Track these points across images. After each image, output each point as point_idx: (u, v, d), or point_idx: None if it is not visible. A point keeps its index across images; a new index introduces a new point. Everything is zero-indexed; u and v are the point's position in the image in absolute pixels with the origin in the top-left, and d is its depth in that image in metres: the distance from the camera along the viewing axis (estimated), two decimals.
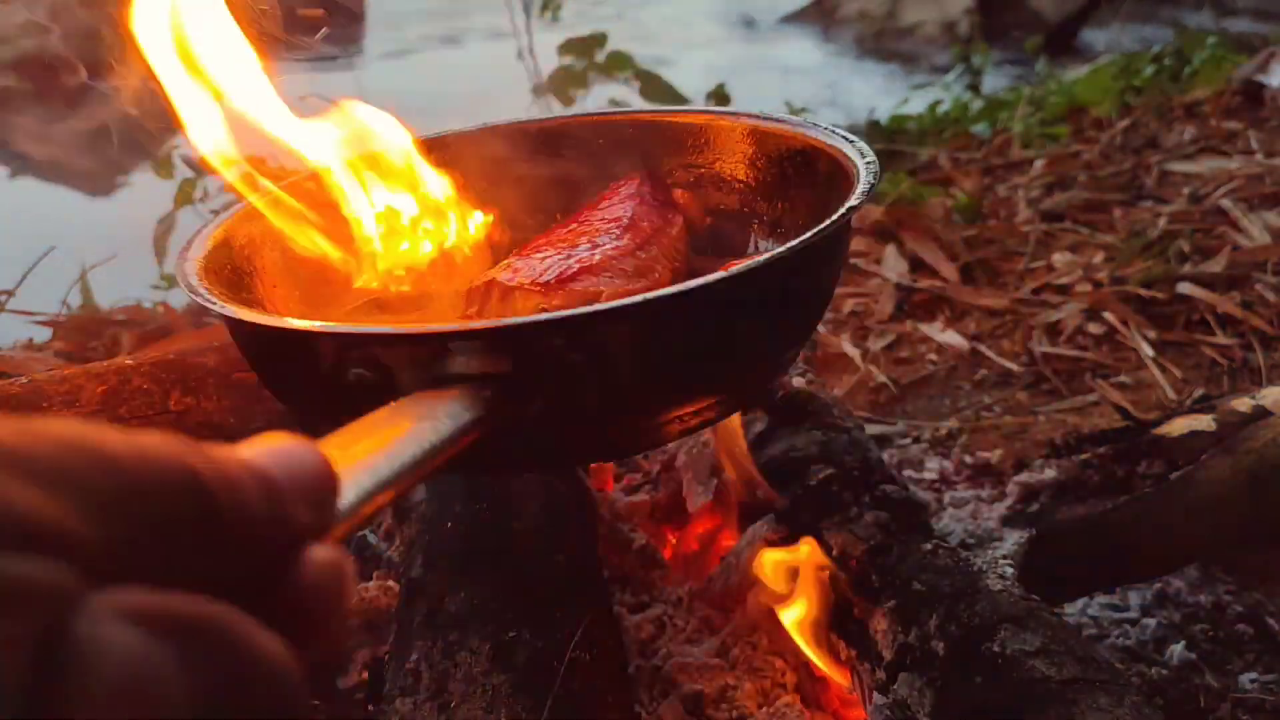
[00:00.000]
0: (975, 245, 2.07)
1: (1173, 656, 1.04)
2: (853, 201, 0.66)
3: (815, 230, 0.63)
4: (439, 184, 0.83)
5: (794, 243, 0.62)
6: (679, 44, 5.55)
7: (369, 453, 0.40)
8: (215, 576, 0.24)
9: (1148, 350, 1.64)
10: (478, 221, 0.84)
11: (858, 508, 0.94)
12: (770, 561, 0.90)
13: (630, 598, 0.99)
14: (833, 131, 0.80)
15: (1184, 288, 1.78)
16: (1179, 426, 1.19)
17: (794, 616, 0.87)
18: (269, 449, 0.28)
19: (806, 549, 0.90)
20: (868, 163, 0.72)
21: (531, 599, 0.79)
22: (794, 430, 1.06)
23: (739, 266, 0.60)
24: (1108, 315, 1.75)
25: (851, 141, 0.76)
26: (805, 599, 0.87)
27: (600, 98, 2.81)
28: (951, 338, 1.75)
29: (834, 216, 0.64)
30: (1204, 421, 1.18)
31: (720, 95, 2.99)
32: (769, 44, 5.96)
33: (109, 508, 0.22)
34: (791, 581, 0.88)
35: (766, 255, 0.62)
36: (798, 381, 1.12)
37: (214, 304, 0.62)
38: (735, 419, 1.04)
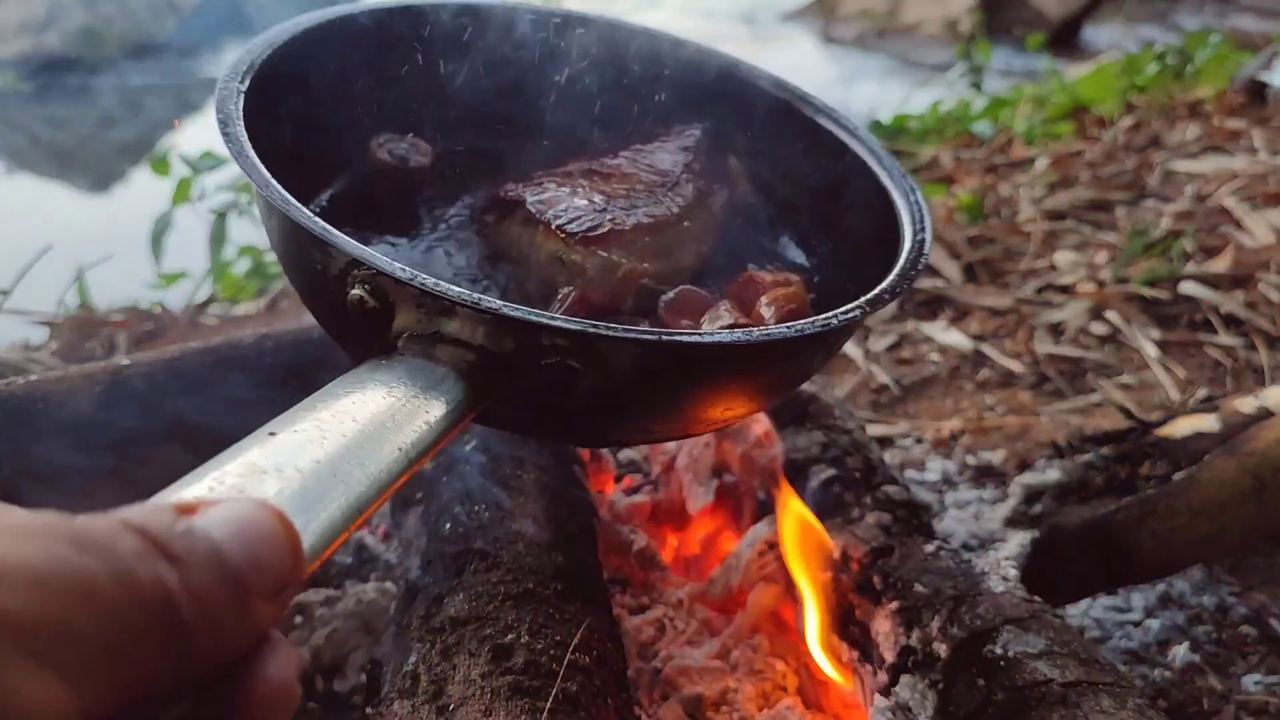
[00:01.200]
0: (977, 244, 2.06)
1: (1176, 658, 1.03)
2: (890, 285, 0.65)
3: (853, 307, 0.62)
4: None
5: (833, 320, 0.61)
6: None
7: (338, 477, 0.39)
8: (184, 682, 0.27)
9: (1151, 350, 1.64)
10: None
11: (860, 509, 0.93)
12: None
13: (630, 600, 0.99)
14: (906, 183, 0.78)
15: (1187, 287, 1.78)
16: (1182, 427, 1.18)
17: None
18: (234, 527, 0.29)
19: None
20: (918, 238, 0.71)
21: (531, 601, 0.79)
22: (796, 431, 1.05)
23: (768, 332, 0.59)
24: (1111, 315, 1.74)
25: (917, 209, 0.75)
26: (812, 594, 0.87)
27: None
28: (954, 338, 1.74)
29: (870, 295, 0.63)
30: (1207, 422, 1.17)
31: None
32: (770, 42, 5.95)
33: (98, 655, 0.24)
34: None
35: (797, 329, 0.60)
36: None
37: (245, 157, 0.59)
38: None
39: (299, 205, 0.58)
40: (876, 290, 0.65)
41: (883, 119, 2.95)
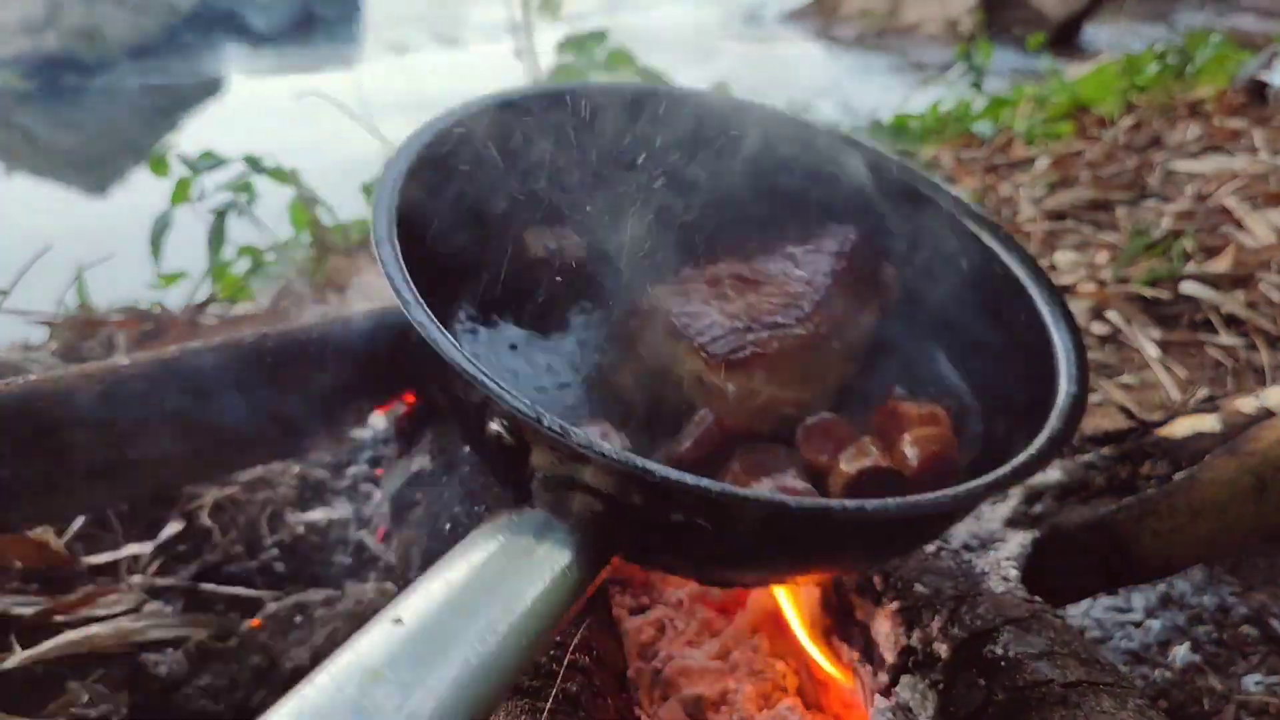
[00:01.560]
0: None
1: (1177, 659, 1.03)
2: (1038, 451, 0.62)
3: (997, 478, 0.60)
4: None
5: (979, 488, 0.59)
6: (680, 42, 5.53)
7: (471, 677, 0.41)
8: None
9: (1151, 350, 1.64)
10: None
11: None
12: None
13: (630, 600, 0.98)
14: (1064, 312, 0.75)
15: (1188, 287, 1.78)
16: (1183, 427, 1.18)
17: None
18: None
19: None
20: (1071, 392, 0.67)
21: None
22: None
23: (903, 504, 0.57)
24: (1111, 315, 1.74)
25: (1074, 350, 0.71)
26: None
27: None
28: None
29: (1018, 463, 0.61)
30: (1208, 422, 1.17)
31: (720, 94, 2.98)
32: (771, 42, 5.95)
33: None
34: None
35: (939, 501, 0.58)
36: None
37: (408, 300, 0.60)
38: None
39: (447, 334, 0.58)
40: (1023, 457, 0.63)
41: (883, 119, 2.95)
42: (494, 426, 0.56)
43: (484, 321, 0.78)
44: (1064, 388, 0.70)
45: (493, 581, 0.48)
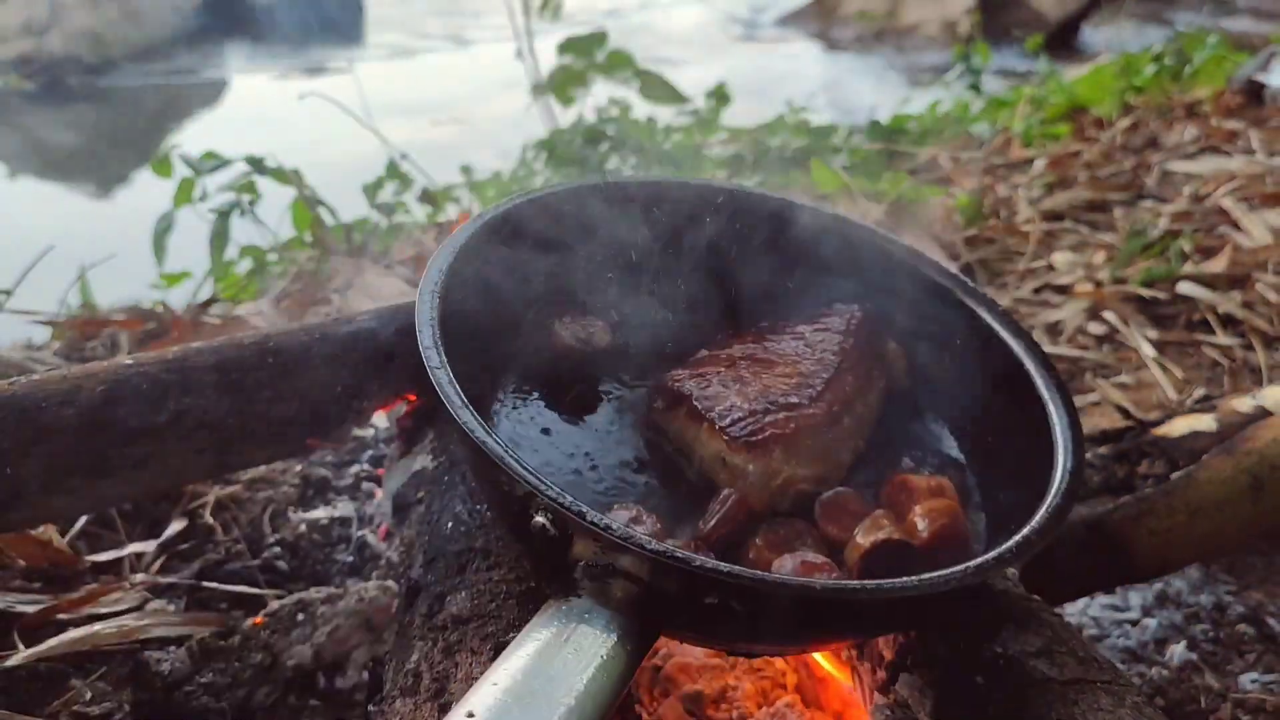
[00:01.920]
0: (976, 245, 2.07)
1: (1173, 657, 1.04)
2: (1039, 526, 0.67)
3: (998, 555, 0.64)
4: None
5: (988, 563, 0.63)
6: (679, 42, 5.54)
7: None
8: None
9: (1148, 350, 1.64)
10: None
11: None
12: None
13: None
14: (1061, 393, 0.79)
15: (1185, 287, 1.78)
16: (1180, 426, 1.18)
17: None
18: None
19: None
20: (1068, 467, 0.72)
21: (533, 599, 0.79)
22: None
23: (921, 581, 0.61)
24: (1108, 315, 1.74)
25: (1070, 425, 0.76)
26: None
27: (600, 97, 2.80)
28: None
29: (1020, 539, 0.65)
30: (1205, 421, 1.18)
31: (720, 94, 2.99)
32: (769, 43, 5.95)
33: None
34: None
35: (952, 576, 0.62)
36: None
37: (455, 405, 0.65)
38: None
39: (490, 434, 0.63)
40: (1024, 533, 0.67)
41: (881, 120, 2.95)
42: (538, 519, 0.61)
43: (518, 404, 0.84)
44: (1061, 463, 0.74)
45: (549, 669, 0.54)
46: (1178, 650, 1.04)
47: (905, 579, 0.61)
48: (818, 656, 0.87)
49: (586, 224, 0.90)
